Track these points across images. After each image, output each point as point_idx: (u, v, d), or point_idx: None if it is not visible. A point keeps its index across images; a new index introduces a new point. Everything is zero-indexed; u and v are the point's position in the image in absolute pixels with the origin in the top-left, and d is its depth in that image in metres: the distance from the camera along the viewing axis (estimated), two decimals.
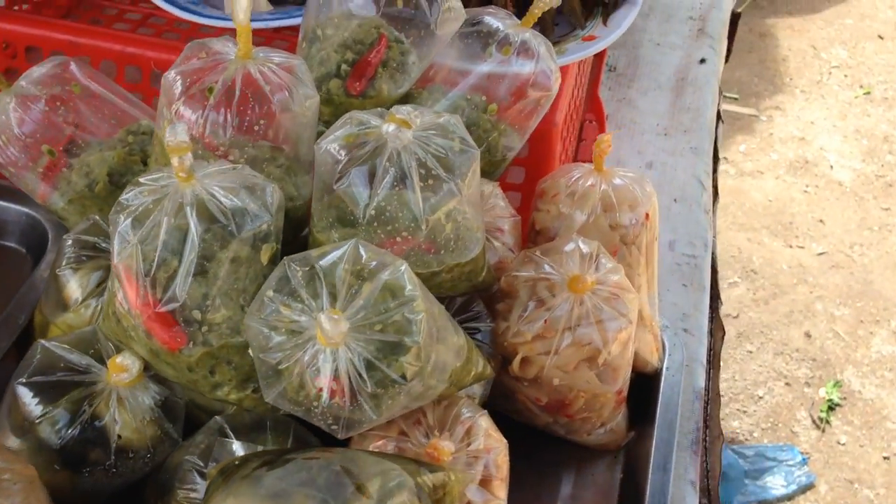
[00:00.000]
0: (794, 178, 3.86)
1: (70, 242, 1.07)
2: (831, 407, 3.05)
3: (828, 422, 3.02)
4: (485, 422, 0.92)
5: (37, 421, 0.92)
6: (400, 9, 1.11)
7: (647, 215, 1.17)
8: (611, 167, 1.19)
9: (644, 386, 1.21)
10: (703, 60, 1.81)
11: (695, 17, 1.93)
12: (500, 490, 0.92)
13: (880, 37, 4.52)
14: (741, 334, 3.34)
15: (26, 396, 0.93)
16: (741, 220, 3.69)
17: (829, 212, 3.69)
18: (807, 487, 2.82)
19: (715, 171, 1.81)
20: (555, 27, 1.40)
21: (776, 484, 2.82)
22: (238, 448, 0.89)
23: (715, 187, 1.76)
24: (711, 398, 1.33)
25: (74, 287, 1.05)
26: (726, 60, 2.04)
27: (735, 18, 2.00)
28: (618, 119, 1.70)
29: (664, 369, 1.20)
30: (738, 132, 4.07)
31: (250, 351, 0.83)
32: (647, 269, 1.19)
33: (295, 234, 1.04)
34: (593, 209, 1.16)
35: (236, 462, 0.80)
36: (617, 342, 1.02)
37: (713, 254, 1.58)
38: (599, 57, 1.75)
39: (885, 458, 2.94)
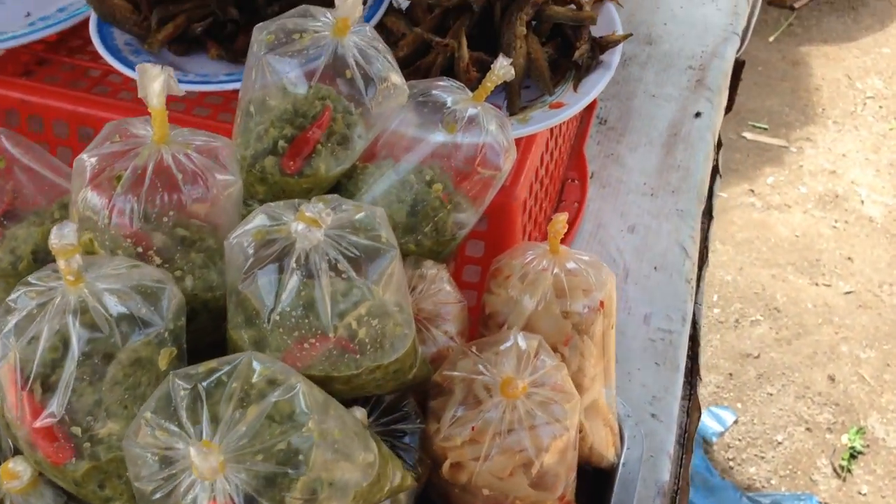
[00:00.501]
0: (822, 213, 3.77)
1: None
2: (853, 455, 2.97)
3: (849, 470, 2.93)
4: None
5: None
6: (337, 85, 1.06)
7: (601, 303, 1.10)
8: (566, 249, 1.13)
9: (601, 481, 1.14)
10: (698, 114, 1.74)
11: (694, 67, 1.85)
12: None
13: None
14: (761, 375, 3.26)
15: None
16: (766, 256, 3.60)
17: (859, 249, 3.59)
18: None
19: (707, 228, 1.73)
20: (525, 90, 1.33)
21: None
22: None
23: (705, 248, 1.68)
24: (681, 487, 1.25)
25: None
26: (728, 111, 1.96)
27: (738, 67, 1.92)
28: (603, 177, 1.63)
29: (620, 465, 1.13)
30: (766, 163, 3.97)
31: (129, 474, 0.78)
32: (602, 359, 1.12)
33: (217, 325, 0.98)
34: (544, 295, 1.09)
35: None
36: (552, 450, 0.95)
37: (695, 323, 1.51)
38: (589, 109, 1.69)
39: None
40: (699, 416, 1.37)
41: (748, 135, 4.06)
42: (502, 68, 1.09)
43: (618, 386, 1.26)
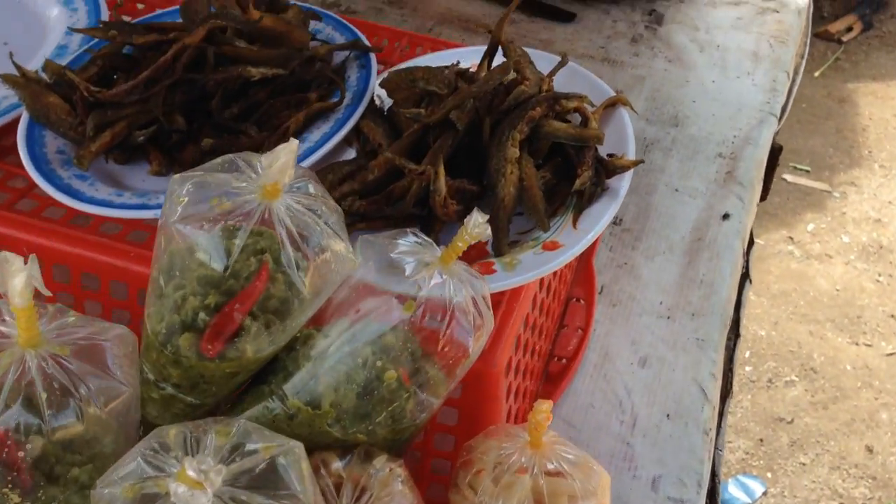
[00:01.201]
0: (865, 265, 3.54)
1: None
2: None
3: None
4: None
5: None
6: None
7: None
8: (551, 441, 0.93)
9: None
10: (726, 216, 1.52)
11: (725, 155, 1.63)
12: None
13: None
14: (794, 443, 3.05)
15: None
16: (803, 311, 3.39)
17: None
18: None
19: (734, 347, 1.52)
20: (517, 216, 1.13)
21: None
22: None
23: (729, 372, 1.47)
24: None
25: None
26: (762, 199, 1.74)
27: (775, 154, 1.70)
28: (614, 292, 1.42)
29: None
30: (807, 209, 3.75)
31: None
32: None
33: None
34: None
35: None
36: None
37: (714, 475, 1.30)
38: None
39: None
40: None
41: (788, 177, 3.84)
42: (476, 227, 0.89)
43: None
